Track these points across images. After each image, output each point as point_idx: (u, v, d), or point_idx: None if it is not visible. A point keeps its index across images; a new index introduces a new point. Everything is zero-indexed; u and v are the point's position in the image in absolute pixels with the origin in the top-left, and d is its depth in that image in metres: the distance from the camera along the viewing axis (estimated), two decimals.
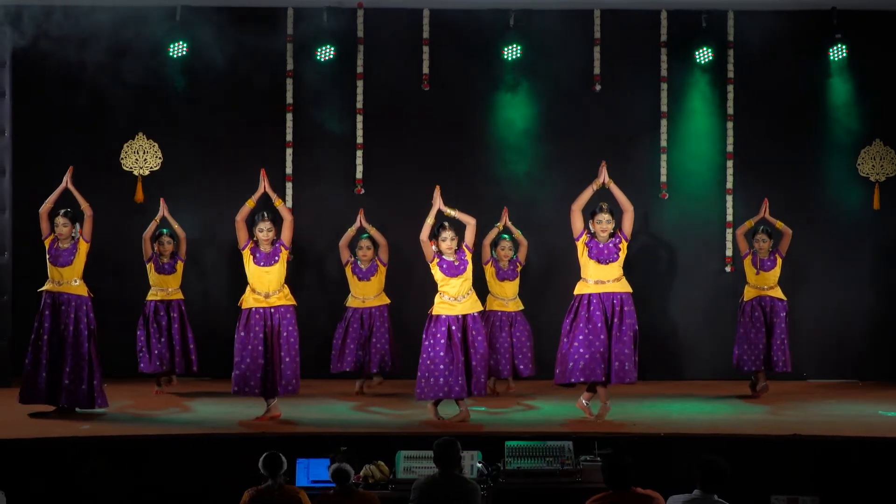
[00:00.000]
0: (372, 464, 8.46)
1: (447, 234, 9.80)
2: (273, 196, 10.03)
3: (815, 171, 12.70)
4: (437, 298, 9.84)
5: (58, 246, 10.20)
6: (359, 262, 11.57)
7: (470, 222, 9.91)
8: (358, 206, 12.32)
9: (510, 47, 12.36)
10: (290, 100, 12.60)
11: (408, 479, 7.85)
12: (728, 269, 12.62)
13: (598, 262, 9.83)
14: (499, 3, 12.40)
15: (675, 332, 12.77)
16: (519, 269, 11.61)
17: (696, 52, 12.42)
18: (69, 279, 10.17)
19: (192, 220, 12.43)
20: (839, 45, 12.31)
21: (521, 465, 8.44)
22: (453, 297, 9.76)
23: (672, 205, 12.60)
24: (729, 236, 12.66)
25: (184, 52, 12.23)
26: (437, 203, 9.90)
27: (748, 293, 11.50)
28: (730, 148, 12.69)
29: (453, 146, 12.65)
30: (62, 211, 10.27)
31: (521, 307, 11.66)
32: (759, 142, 12.67)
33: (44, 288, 10.25)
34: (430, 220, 9.85)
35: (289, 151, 12.63)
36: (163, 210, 11.59)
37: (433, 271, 9.82)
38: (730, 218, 12.65)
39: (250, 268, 9.89)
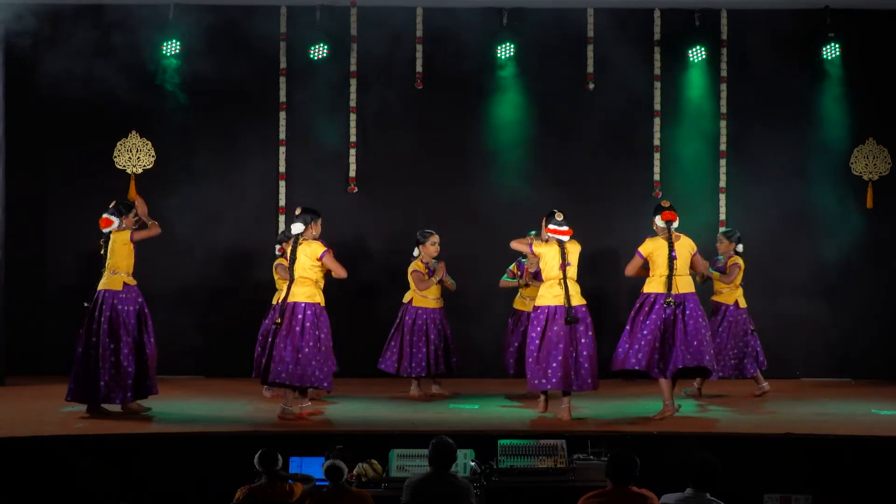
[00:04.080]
0: (365, 462, 8.43)
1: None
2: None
3: (808, 169, 12.65)
4: None
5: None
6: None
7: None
8: (351, 204, 12.34)
9: (503, 46, 12.37)
10: (283, 98, 12.57)
11: (401, 478, 7.79)
12: None
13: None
14: (492, 2, 12.37)
15: None
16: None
17: (690, 51, 12.42)
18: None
19: (185, 218, 12.41)
20: (832, 44, 12.31)
21: (514, 464, 8.40)
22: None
23: None
24: None
25: (177, 51, 12.18)
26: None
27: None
28: (723, 147, 12.68)
29: (447, 145, 12.64)
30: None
31: None
32: (752, 140, 12.66)
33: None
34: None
35: (282, 150, 12.61)
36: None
37: None
38: (723, 217, 12.64)
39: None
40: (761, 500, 8.61)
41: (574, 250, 10.10)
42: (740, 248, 11.03)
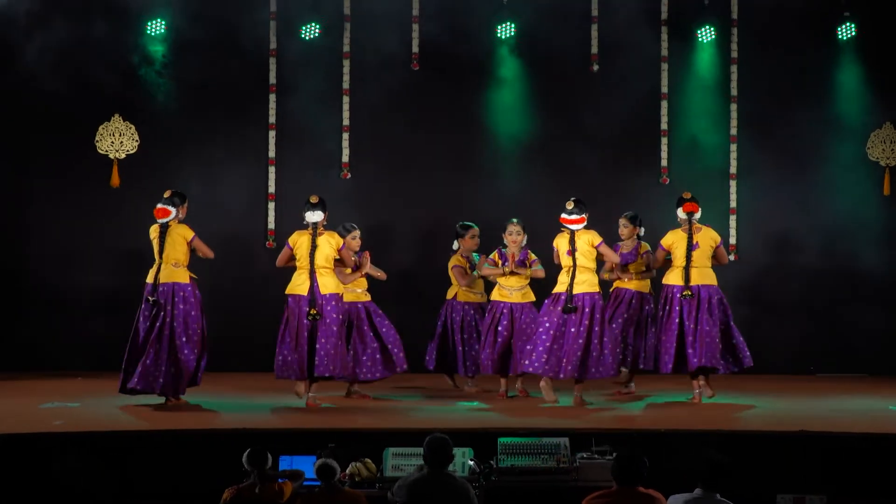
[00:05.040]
0: (358, 461, 8.28)
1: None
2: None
3: (823, 155, 12.63)
4: None
5: None
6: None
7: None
8: (344, 190, 12.26)
9: (504, 25, 12.40)
10: (273, 80, 12.52)
11: (396, 478, 7.61)
12: (732, 256, 12.43)
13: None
14: None
15: None
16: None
17: (699, 31, 12.48)
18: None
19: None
20: (848, 24, 12.31)
21: (514, 463, 8.27)
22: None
23: (673, 190, 12.35)
24: (733, 223, 12.59)
25: (162, 30, 12.18)
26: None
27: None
28: (733, 131, 12.63)
29: (443, 128, 12.60)
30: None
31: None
32: (763, 124, 12.61)
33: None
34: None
35: (272, 134, 12.55)
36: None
37: None
38: (733, 204, 12.61)
39: None
40: (774, 500, 8.40)
41: (583, 238, 10.05)
42: (642, 231, 10.79)
